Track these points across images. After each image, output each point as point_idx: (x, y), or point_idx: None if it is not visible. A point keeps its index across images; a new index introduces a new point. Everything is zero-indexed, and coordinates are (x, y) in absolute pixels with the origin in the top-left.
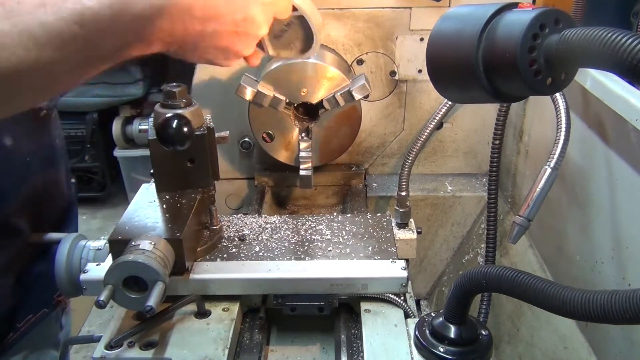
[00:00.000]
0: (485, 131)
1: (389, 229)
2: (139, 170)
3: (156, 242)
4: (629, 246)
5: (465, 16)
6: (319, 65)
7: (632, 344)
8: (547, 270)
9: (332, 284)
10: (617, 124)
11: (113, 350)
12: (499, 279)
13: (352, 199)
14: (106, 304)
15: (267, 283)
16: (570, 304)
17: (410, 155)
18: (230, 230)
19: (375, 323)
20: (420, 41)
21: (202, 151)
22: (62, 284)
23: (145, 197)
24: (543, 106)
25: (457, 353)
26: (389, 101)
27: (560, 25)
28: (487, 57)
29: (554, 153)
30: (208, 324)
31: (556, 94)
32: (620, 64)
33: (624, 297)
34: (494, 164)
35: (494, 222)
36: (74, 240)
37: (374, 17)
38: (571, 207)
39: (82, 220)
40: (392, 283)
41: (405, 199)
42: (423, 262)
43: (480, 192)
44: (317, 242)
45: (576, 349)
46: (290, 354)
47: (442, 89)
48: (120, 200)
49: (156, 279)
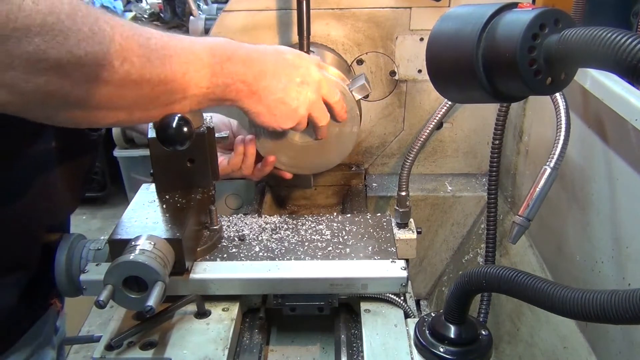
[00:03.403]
0: (485, 131)
1: (388, 229)
2: (139, 170)
3: (156, 242)
4: (629, 246)
5: (465, 16)
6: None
7: (632, 344)
8: (547, 270)
9: (332, 284)
10: (617, 124)
11: (113, 350)
12: (499, 279)
13: (352, 199)
14: (106, 304)
15: (267, 283)
16: (570, 304)
17: (410, 155)
18: (230, 230)
19: (375, 323)
20: (420, 41)
21: (202, 151)
22: (62, 284)
23: (145, 197)
24: (543, 106)
25: (457, 353)
26: (388, 101)
27: (560, 25)
28: (487, 57)
29: (553, 153)
30: (208, 324)
31: (556, 94)
32: (620, 64)
33: (624, 297)
34: (494, 164)
35: (493, 222)
36: (74, 240)
37: (374, 17)
38: (571, 207)
39: (82, 220)
40: (392, 283)
41: (405, 199)
42: (423, 262)
43: (480, 192)
44: (317, 242)
45: (576, 349)
46: (290, 354)
47: (442, 89)
48: (120, 200)
49: (156, 279)
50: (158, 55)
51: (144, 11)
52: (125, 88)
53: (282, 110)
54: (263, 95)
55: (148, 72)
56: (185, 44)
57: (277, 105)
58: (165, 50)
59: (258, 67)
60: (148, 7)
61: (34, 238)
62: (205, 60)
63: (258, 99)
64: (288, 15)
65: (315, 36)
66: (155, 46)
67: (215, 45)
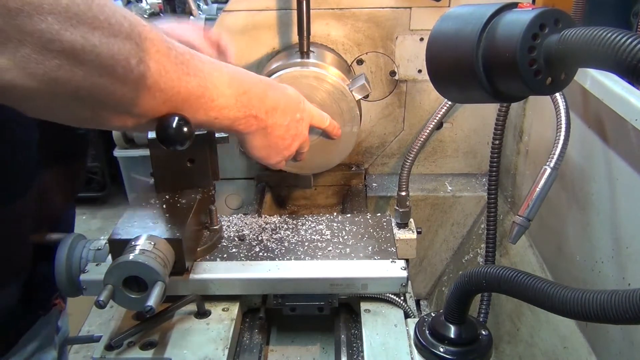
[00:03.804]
0: (485, 131)
1: (388, 229)
2: (139, 170)
3: (156, 242)
4: (629, 246)
5: (465, 16)
6: (319, 65)
7: (632, 344)
8: (547, 270)
9: (332, 284)
10: (617, 124)
11: (113, 350)
12: (499, 279)
13: (352, 199)
14: (106, 304)
15: (267, 283)
16: (570, 304)
17: (410, 155)
18: (230, 230)
19: (375, 323)
20: (420, 41)
21: (202, 151)
22: (62, 284)
23: (145, 197)
24: (543, 106)
25: (457, 353)
26: (388, 101)
27: (560, 25)
28: (487, 57)
29: (553, 153)
30: (208, 324)
31: (556, 94)
32: (620, 64)
33: (624, 297)
34: (494, 164)
35: (493, 222)
36: (74, 240)
37: (374, 17)
38: (571, 207)
39: (82, 220)
40: (392, 283)
41: (405, 199)
42: (423, 262)
43: (480, 192)
44: (317, 242)
45: (576, 349)
46: (290, 354)
47: (442, 89)
48: (120, 200)
49: (156, 279)
50: (176, 69)
51: (144, 11)
52: (139, 92)
53: (279, 146)
54: (270, 132)
55: (163, 82)
56: (206, 68)
57: (277, 141)
58: (185, 66)
59: (271, 103)
60: (148, 7)
61: (24, 238)
62: (221, 89)
63: (264, 135)
64: (288, 15)
65: (315, 36)
66: (175, 59)
67: (234, 75)
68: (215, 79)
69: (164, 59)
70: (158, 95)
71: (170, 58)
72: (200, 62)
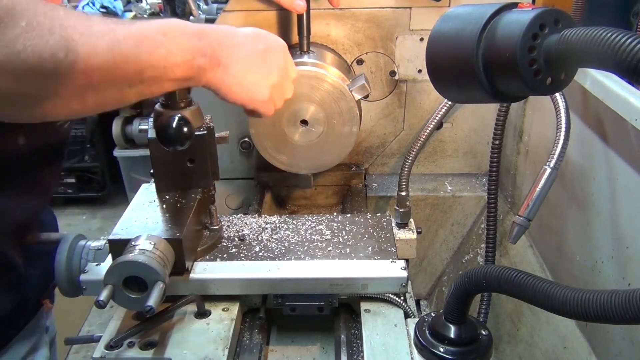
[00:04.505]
0: (485, 131)
1: (388, 229)
2: (139, 170)
3: (156, 242)
4: (629, 246)
5: (465, 16)
6: (319, 65)
7: (632, 344)
8: (547, 270)
9: (332, 284)
10: (617, 124)
11: (113, 350)
12: (499, 279)
13: (352, 199)
14: (106, 304)
15: (267, 283)
16: (570, 304)
17: (410, 155)
18: (230, 230)
19: (375, 323)
20: (420, 41)
21: (202, 151)
22: (62, 284)
23: (145, 197)
24: (543, 106)
25: (457, 353)
26: (388, 101)
27: (560, 25)
28: (487, 57)
29: (553, 153)
30: (208, 324)
31: (556, 94)
32: (620, 64)
33: (624, 297)
34: (494, 164)
35: (493, 222)
36: (74, 240)
37: (374, 17)
38: (571, 207)
39: (82, 220)
40: (392, 283)
41: (405, 199)
42: (423, 262)
43: (480, 192)
44: (317, 242)
45: (576, 349)
46: (290, 354)
47: (442, 89)
48: (120, 200)
49: (156, 279)
50: (104, 41)
51: (144, 11)
52: (73, 79)
53: (252, 81)
54: (231, 67)
55: (94, 60)
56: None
57: (246, 76)
58: (112, 34)
59: (214, 37)
60: (148, 7)
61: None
62: (158, 40)
63: (226, 73)
64: (288, 15)
65: (315, 36)
66: (100, 33)
67: (166, 25)
68: (149, 34)
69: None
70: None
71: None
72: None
